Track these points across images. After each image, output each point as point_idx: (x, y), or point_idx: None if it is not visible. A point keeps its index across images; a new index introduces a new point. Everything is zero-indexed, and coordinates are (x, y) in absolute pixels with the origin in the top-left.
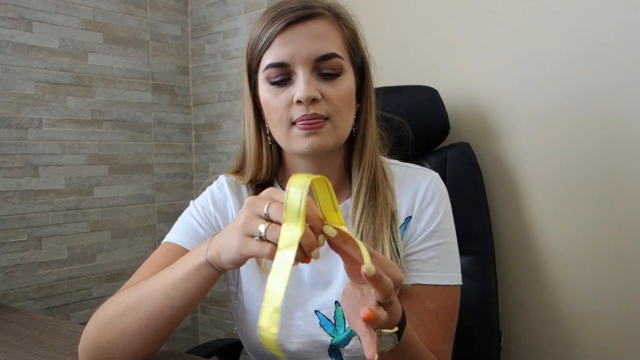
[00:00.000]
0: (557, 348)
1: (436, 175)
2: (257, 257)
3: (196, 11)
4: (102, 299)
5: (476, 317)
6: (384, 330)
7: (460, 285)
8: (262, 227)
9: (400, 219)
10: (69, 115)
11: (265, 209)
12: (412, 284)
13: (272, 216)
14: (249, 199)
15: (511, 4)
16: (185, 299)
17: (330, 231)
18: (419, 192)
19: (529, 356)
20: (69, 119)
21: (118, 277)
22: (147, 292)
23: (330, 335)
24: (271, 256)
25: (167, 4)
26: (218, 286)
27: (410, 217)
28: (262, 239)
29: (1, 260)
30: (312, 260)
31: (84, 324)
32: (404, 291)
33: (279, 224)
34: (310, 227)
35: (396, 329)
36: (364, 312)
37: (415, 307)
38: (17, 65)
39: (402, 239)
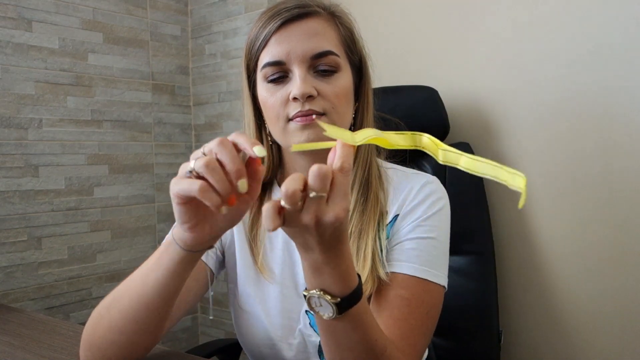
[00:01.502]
0: (557, 348)
1: (432, 178)
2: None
3: (196, 11)
4: (102, 299)
5: (476, 317)
6: (325, 295)
7: (445, 289)
8: (191, 163)
9: (389, 218)
10: (69, 115)
11: (201, 151)
12: (388, 272)
13: (206, 148)
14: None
15: (511, 5)
16: (158, 284)
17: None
18: (411, 193)
19: (529, 356)
20: (69, 119)
21: (118, 277)
22: (127, 282)
23: (319, 335)
24: (201, 193)
25: (167, 4)
26: (218, 286)
27: (398, 215)
28: (192, 173)
29: (1, 260)
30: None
31: (84, 324)
32: (382, 282)
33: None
34: None
35: (337, 299)
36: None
37: (387, 293)
38: (17, 65)
39: (387, 237)
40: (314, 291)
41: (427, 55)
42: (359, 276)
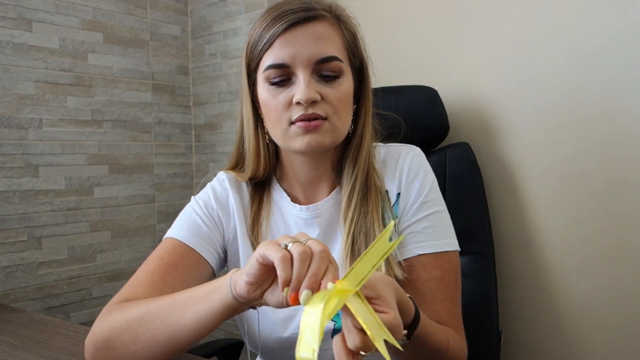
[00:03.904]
0: (557, 347)
1: (417, 149)
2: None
3: (196, 11)
4: (102, 299)
5: (476, 317)
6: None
7: (459, 252)
8: (289, 242)
9: (392, 198)
10: (69, 115)
11: (306, 238)
12: (413, 256)
13: (309, 242)
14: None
15: (511, 5)
16: (198, 316)
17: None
18: (404, 168)
19: (528, 356)
20: (69, 119)
21: (118, 277)
22: (166, 303)
23: (333, 320)
24: (282, 262)
25: (167, 4)
26: None
27: (400, 193)
28: (286, 247)
29: (1, 260)
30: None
31: (84, 324)
32: (407, 265)
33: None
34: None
35: (405, 332)
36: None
37: (421, 277)
38: (17, 65)
39: (396, 216)
40: None
41: (427, 55)
42: (412, 298)
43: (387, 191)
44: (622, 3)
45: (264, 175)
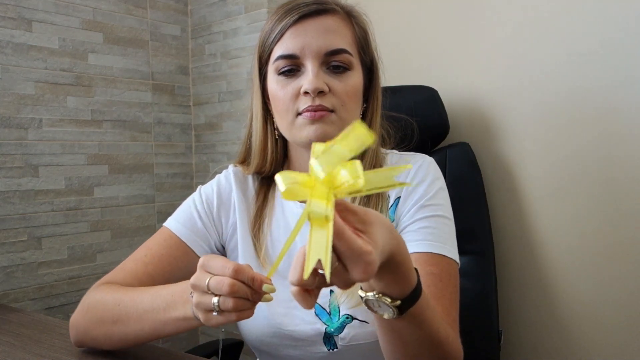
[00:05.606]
0: (557, 348)
1: (429, 159)
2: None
3: (196, 11)
4: None
5: (476, 317)
6: (383, 298)
7: (458, 265)
8: (215, 301)
9: (390, 201)
10: (69, 115)
11: (206, 285)
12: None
13: (214, 290)
14: (192, 278)
15: (510, 5)
16: (170, 323)
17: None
18: (409, 174)
19: (528, 356)
20: (69, 119)
21: None
22: (136, 317)
23: (325, 324)
24: (238, 320)
25: (167, 4)
26: None
27: (399, 197)
28: (220, 311)
29: (1, 260)
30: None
31: None
32: None
33: (220, 294)
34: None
35: (398, 302)
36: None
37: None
38: (17, 65)
39: (392, 221)
40: (371, 294)
41: (427, 55)
42: (417, 270)
43: (388, 195)
44: (621, 3)
45: (270, 171)
